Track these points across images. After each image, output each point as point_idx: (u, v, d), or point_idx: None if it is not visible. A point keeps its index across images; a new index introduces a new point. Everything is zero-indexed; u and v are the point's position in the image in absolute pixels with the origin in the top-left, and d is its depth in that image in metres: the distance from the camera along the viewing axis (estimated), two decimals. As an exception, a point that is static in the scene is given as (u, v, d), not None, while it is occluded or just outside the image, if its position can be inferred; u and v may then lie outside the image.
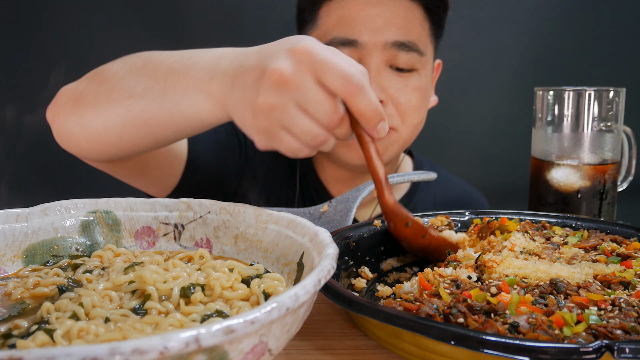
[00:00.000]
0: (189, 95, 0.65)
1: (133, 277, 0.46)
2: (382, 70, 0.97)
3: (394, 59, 0.97)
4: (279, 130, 0.59)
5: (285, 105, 0.57)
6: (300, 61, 0.57)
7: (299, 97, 0.57)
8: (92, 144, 0.75)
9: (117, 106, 0.70)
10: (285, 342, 0.38)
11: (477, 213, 0.76)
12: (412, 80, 1.00)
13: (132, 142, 0.74)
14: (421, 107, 1.03)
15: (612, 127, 0.85)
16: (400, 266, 0.68)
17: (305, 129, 0.58)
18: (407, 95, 0.99)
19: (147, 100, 0.68)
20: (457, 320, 0.44)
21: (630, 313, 0.45)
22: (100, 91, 0.72)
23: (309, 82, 0.57)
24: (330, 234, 0.47)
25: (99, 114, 0.72)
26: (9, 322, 0.41)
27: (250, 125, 0.60)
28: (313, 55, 0.57)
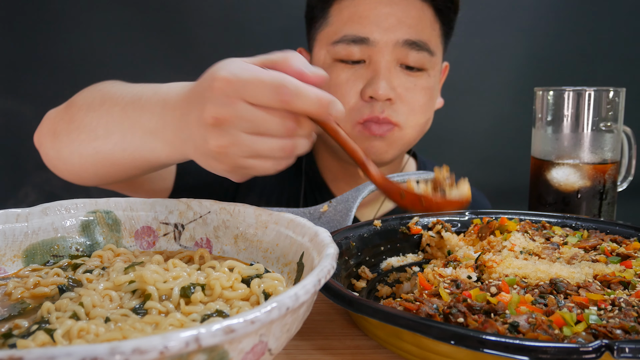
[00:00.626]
0: (147, 141, 0.67)
1: (133, 277, 0.46)
2: (392, 69, 0.98)
3: (405, 58, 0.98)
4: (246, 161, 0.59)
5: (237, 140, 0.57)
6: (225, 95, 0.57)
7: (245, 126, 0.57)
8: (74, 175, 0.79)
9: (86, 147, 0.73)
10: (285, 342, 0.38)
11: (477, 213, 0.76)
12: (422, 80, 1.01)
13: (108, 176, 0.76)
14: (428, 107, 1.04)
15: (612, 127, 0.85)
16: (400, 266, 0.68)
17: (269, 147, 0.58)
18: (415, 94, 1.00)
19: (110, 143, 0.70)
20: (457, 320, 0.44)
21: (630, 313, 0.45)
22: (71, 129, 0.75)
23: (245, 109, 0.56)
24: (330, 234, 0.47)
25: (72, 153, 0.75)
26: (9, 322, 0.41)
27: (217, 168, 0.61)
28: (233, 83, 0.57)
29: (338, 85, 1.00)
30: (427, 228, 0.73)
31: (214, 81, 0.58)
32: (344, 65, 1.00)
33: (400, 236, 0.72)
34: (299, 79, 0.57)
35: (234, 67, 0.58)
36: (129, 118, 0.69)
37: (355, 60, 0.99)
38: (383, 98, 0.96)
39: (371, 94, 0.97)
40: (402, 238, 0.72)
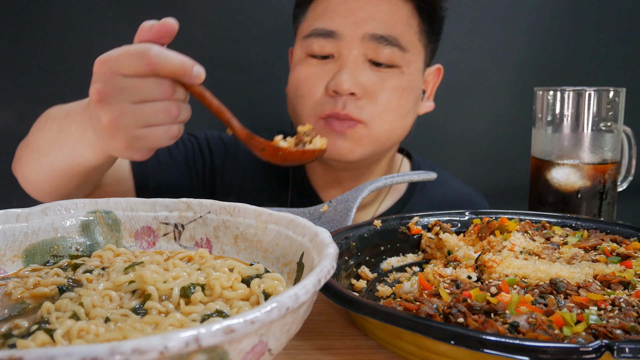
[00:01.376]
0: (76, 148, 0.75)
1: (133, 277, 0.46)
2: (359, 64, 0.96)
3: (374, 52, 0.96)
4: (138, 131, 0.65)
5: (123, 109, 0.64)
6: (102, 73, 0.64)
7: (126, 96, 0.63)
8: (36, 193, 0.87)
9: (38, 165, 0.82)
10: (285, 342, 0.38)
11: (477, 213, 0.76)
12: (392, 77, 0.97)
13: (62, 187, 0.83)
14: (399, 106, 0.99)
15: (612, 127, 0.85)
16: (400, 266, 0.68)
17: (154, 111, 0.64)
18: (383, 92, 0.97)
19: (52, 157, 0.79)
20: (457, 320, 0.44)
21: (630, 313, 0.45)
22: (27, 151, 0.84)
23: (122, 80, 0.63)
24: (330, 234, 0.47)
25: (31, 172, 0.84)
26: (9, 322, 0.41)
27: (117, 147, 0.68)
28: (106, 62, 0.64)
29: (306, 79, 0.99)
30: (427, 228, 0.73)
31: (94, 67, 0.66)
32: (314, 60, 0.99)
33: (400, 236, 0.72)
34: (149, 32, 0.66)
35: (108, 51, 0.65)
36: (63, 131, 0.77)
37: (325, 54, 0.98)
38: (345, 92, 0.94)
39: (334, 88, 0.94)
40: (402, 238, 0.72)
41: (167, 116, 0.65)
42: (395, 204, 1.16)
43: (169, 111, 0.65)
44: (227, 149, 1.16)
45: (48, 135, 0.80)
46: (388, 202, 1.16)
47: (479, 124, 1.61)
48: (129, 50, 0.63)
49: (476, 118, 1.60)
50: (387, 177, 0.82)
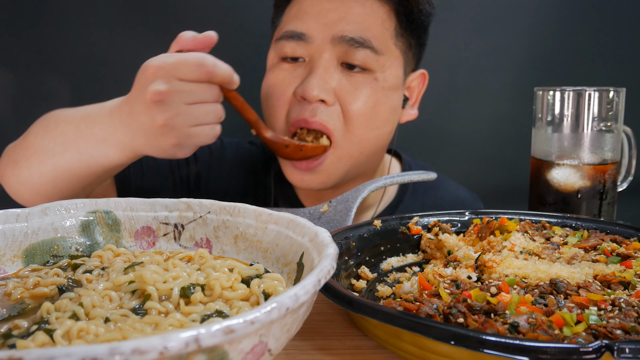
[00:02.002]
0: (99, 148, 0.79)
1: (133, 277, 0.46)
2: (330, 68, 0.91)
3: (346, 55, 0.91)
4: (190, 130, 0.74)
5: (179, 110, 0.72)
6: (160, 77, 0.71)
7: (183, 98, 0.72)
8: (34, 196, 0.87)
9: (45, 165, 0.83)
10: (285, 342, 0.38)
11: (477, 213, 0.76)
12: (365, 83, 0.92)
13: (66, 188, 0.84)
14: (373, 116, 0.93)
15: (612, 127, 0.85)
16: (400, 266, 0.68)
17: (205, 112, 0.74)
18: (356, 99, 0.91)
19: (67, 157, 0.81)
20: (457, 320, 0.44)
21: (630, 313, 0.45)
22: (29, 154, 0.84)
23: (179, 84, 0.71)
24: (330, 234, 0.47)
25: (32, 173, 0.84)
26: (9, 322, 0.41)
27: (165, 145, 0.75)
28: (164, 67, 0.72)
29: (276, 83, 0.95)
30: (427, 229, 0.73)
31: (146, 71, 0.72)
32: (284, 64, 0.95)
33: (400, 236, 0.72)
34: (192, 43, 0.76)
35: (159, 57, 0.73)
36: (82, 132, 0.80)
37: (296, 57, 0.94)
38: (314, 99, 0.89)
39: (301, 94, 0.90)
40: (402, 238, 0.72)
41: (215, 116, 0.75)
42: (384, 210, 1.12)
43: (217, 112, 0.75)
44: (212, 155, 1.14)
45: (62, 137, 0.81)
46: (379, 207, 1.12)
47: (479, 124, 1.61)
48: (187, 59, 0.71)
49: (476, 118, 1.60)
50: (387, 177, 0.82)
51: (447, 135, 1.61)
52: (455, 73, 1.56)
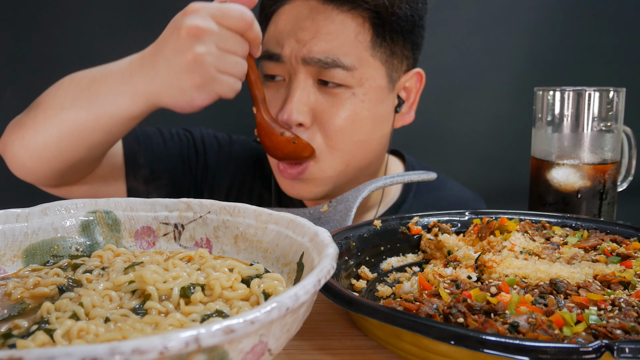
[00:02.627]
0: (110, 97, 0.78)
1: (133, 277, 0.46)
2: (307, 87, 0.91)
3: (319, 74, 0.90)
4: (216, 74, 0.74)
5: (211, 50, 0.73)
6: (201, 15, 0.72)
7: (216, 40, 0.73)
8: (36, 161, 0.84)
9: (52, 121, 0.81)
10: (285, 342, 0.38)
11: (477, 213, 0.76)
12: (343, 100, 0.91)
13: (70, 150, 0.82)
14: (354, 132, 0.92)
15: (612, 127, 0.85)
16: (400, 266, 0.68)
17: (234, 62, 0.75)
18: (333, 117, 0.91)
19: (75, 110, 0.79)
20: (457, 320, 0.44)
21: (630, 313, 0.45)
22: (37, 113, 0.83)
23: (217, 27, 0.73)
24: (330, 234, 0.47)
25: (37, 132, 0.82)
26: (9, 322, 0.41)
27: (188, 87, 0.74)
28: (207, 7, 0.73)
29: None
30: (427, 229, 0.73)
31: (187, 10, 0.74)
32: (269, 83, 0.96)
33: (400, 236, 0.72)
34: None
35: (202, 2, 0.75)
36: (96, 84, 0.79)
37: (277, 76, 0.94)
38: (293, 124, 0.90)
39: (282, 120, 0.90)
40: (402, 238, 0.72)
41: (241, 70, 0.76)
42: (387, 210, 1.12)
43: (243, 67, 0.76)
44: (220, 149, 1.14)
45: (74, 91, 0.80)
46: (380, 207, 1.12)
47: (479, 124, 1.61)
48: (231, 7, 0.73)
49: (476, 118, 1.61)
50: (387, 177, 0.82)
51: (447, 135, 1.61)
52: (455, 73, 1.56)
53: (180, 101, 0.76)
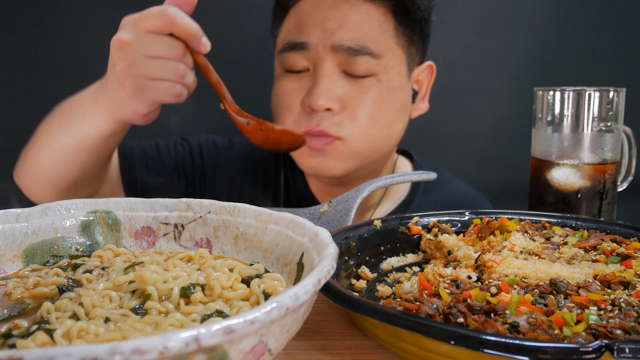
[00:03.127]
0: (86, 119, 0.81)
1: (133, 277, 0.46)
2: (334, 76, 0.93)
3: (347, 63, 0.93)
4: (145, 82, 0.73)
5: (136, 60, 0.72)
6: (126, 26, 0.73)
7: (142, 49, 0.71)
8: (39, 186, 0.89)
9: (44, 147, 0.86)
10: (285, 342, 0.38)
11: (476, 213, 0.76)
12: (370, 86, 0.94)
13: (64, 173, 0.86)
14: (380, 116, 0.96)
15: (612, 127, 0.85)
16: (400, 266, 0.68)
17: (163, 67, 0.72)
18: (361, 103, 0.94)
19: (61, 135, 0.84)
20: (457, 320, 0.44)
21: (630, 313, 0.45)
22: (33, 141, 0.89)
23: (142, 34, 0.71)
24: (330, 234, 0.47)
25: (35, 159, 0.87)
26: (9, 322, 0.41)
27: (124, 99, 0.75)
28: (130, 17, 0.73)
29: (283, 95, 0.97)
30: (427, 229, 0.73)
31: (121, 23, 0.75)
32: (290, 75, 0.97)
33: (400, 236, 0.72)
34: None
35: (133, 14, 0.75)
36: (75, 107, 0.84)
37: (300, 68, 0.96)
38: (321, 109, 0.92)
39: (308, 105, 0.93)
40: (402, 238, 0.72)
41: (174, 73, 0.73)
42: (397, 207, 1.14)
43: (177, 69, 0.73)
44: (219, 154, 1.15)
45: (58, 117, 0.85)
46: (388, 204, 1.15)
47: (479, 124, 1.61)
48: (151, 10, 0.71)
49: (476, 118, 1.60)
50: (387, 177, 0.82)
51: (447, 135, 1.61)
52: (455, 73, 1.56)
53: (127, 113, 0.78)
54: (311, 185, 1.14)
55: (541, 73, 1.58)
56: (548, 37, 1.56)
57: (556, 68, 1.58)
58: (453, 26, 1.53)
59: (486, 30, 1.55)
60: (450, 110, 1.58)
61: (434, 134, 1.58)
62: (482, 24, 1.55)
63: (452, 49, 1.54)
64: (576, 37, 1.56)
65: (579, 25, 1.56)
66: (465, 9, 1.53)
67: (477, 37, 1.55)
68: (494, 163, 1.62)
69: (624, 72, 1.57)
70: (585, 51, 1.57)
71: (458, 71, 1.56)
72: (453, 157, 1.61)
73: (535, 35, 1.56)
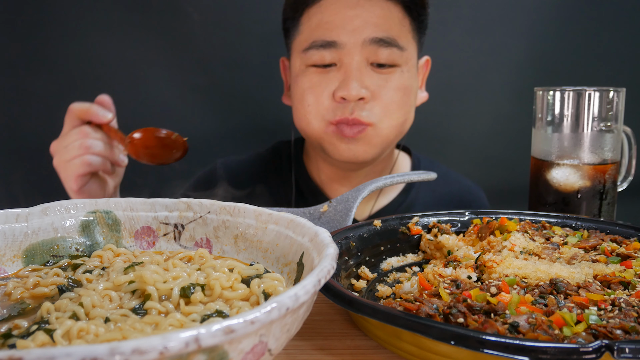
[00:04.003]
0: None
1: (133, 277, 0.46)
2: (363, 69, 1.01)
3: (374, 55, 1.01)
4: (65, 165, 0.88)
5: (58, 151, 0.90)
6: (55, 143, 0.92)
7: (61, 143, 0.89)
8: None
9: None
10: (285, 342, 0.38)
11: (477, 213, 0.76)
12: (394, 77, 1.03)
13: None
14: (404, 103, 1.05)
15: (612, 127, 0.85)
16: (400, 266, 0.68)
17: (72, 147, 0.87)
18: (388, 92, 1.02)
19: None
20: (457, 320, 0.44)
21: (630, 313, 0.45)
22: None
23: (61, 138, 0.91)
24: (330, 234, 0.47)
25: None
26: (9, 322, 0.41)
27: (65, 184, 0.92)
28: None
29: (311, 88, 1.03)
30: (427, 229, 0.73)
31: None
32: (316, 70, 1.03)
33: (400, 236, 0.72)
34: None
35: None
36: None
37: (327, 64, 1.02)
38: (355, 98, 0.99)
39: (342, 95, 0.99)
40: (402, 238, 0.72)
41: (81, 149, 0.87)
42: (397, 197, 1.20)
43: (82, 145, 0.87)
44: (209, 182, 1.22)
45: None
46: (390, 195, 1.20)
47: (479, 124, 1.61)
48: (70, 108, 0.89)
49: (476, 118, 1.60)
50: (387, 177, 0.82)
51: (447, 135, 1.60)
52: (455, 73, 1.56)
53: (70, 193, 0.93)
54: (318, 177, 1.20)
55: (541, 73, 1.57)
56: (548, 37, 1.56)
57: (556, 68, 1.58)
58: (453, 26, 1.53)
59: (486, 30, 1.55)
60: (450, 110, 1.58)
61: (434, 134, 1.58)
62: (482, 24, 1.55)
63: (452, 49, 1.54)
64: (576, 37, 1.56)
65: (579, 25, 1.56)
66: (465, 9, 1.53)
67: (477, 37, 1.55)
68: (494, 163, 1.62)
69: (624, 72, 1.57)
70: (585, 51, 1.57)
71: (458, 71, 1.56)
72: (453, 157, 1.61)
73: (535, 35, 1.56)
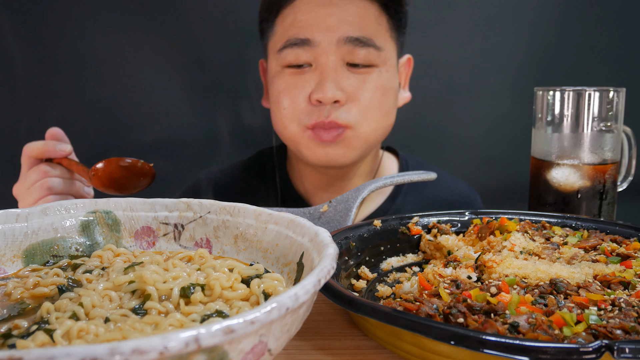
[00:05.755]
0: None
1: (133, 277, 0.46)
2: (339, 69, 0.97)
3: (350, 55, 0.97)
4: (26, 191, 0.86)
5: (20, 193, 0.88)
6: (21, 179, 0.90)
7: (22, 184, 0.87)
8: None
9: None
10: (285, 342, 0.38)
11: (477, 213, 0.76)
12: (372, 77, 0.99)
13: None
14: (383, 104, 1.01)
15: (612, 127, 0.85)
16: (400, 266, 0.68)
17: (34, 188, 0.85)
18: (366, 92, 0.99)
19: None
20: (457, 320, 0.44)
21: (630, 313, 0.45)
22: None
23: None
24: (330, 234, 0.47)
25: None
26: (9, 322, 0.41)
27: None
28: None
29: (287, 90, 1.00)
30: (427, 229, 0.73)
31: None
32: (292, 71, 1.00)
33: (400, 236, 0.72)
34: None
35: None
36: None
37: (302, 64, 0.99)
38: (330, 101, 0.96)
39: (318, 98, 0.96)
40: (402, 238, 0.72)
41: (42, 190, 0.85)
42: (383, 203, 1.16)
43: (42, 186, 0.85)
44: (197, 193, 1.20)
45: None
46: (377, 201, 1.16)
47: (479, 124, 1.61)
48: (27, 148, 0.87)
49: (476, 118, 1.60)
50: (387, 177, 0.82)
51: (446, 135, 1.60)
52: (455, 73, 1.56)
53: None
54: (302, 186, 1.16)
55: (541, 73, 1.58)
56: (548, 37, 1.56)
57: (556, 68, 1.58)
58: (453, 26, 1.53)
59: (486, 30, 1.55)
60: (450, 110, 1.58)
61: (434, 134, 1.58)
62: (482, 24, 1.55)
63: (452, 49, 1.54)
64: (576, 37, 1.56)
65: (579, 25, 1.56)
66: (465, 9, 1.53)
67: (477, 37, 1.55)
68: (494, 163, 1.62)
69: (624, 72, 1.57)
70: (585, 51, 1.57)
71: (458, 71, 1.56)
72: (453, 157, 1.61)
73: (535, 35, 1.56)
